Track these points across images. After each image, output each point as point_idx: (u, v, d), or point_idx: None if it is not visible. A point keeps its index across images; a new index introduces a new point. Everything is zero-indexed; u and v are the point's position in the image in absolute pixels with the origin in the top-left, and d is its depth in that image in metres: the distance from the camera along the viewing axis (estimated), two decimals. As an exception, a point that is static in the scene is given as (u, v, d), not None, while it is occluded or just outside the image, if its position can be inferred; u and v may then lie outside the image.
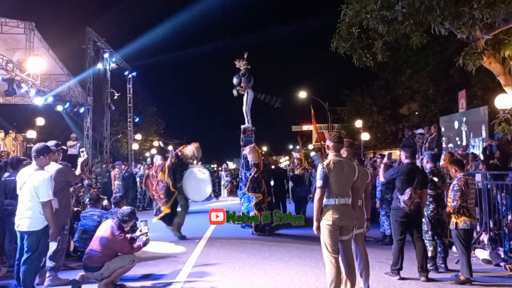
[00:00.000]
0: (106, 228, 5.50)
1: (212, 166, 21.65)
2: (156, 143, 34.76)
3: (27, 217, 4.84)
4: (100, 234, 5.50)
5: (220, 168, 30.62)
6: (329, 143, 4.78)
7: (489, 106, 12.81)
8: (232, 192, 22.99)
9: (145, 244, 5.64)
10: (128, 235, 5.86)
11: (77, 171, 6.11)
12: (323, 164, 4.62)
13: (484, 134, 13.21)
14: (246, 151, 10.82)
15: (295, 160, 16.08)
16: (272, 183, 12.01)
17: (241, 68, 11.70)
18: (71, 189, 6.26)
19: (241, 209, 10.75)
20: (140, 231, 5.80)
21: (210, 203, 12.35)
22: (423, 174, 6.06)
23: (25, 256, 4.84)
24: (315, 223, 4.59)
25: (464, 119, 14.74)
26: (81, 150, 6.58)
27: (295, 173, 13.59)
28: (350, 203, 4.65)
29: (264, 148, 41.20)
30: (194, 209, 16.73)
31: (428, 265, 5.98)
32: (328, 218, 4.52)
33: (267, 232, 9.70)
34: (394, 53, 12.21)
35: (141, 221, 6.02)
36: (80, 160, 6.20)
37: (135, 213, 5.92)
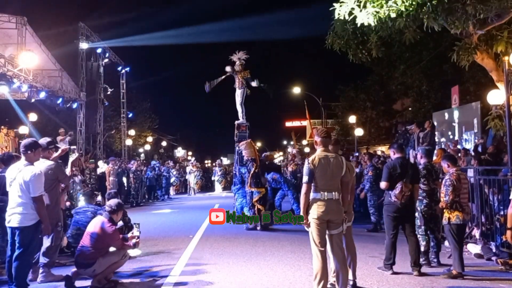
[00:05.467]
0: (96, 223, 5.48)
1: None
2: (150, 139, 34.62)
3: (18, 212, 4.81)
4: (90, 229, 5.48)
5: (214, 164, 30.64)
6: (317, 138, 4.84)
7: (482, 102, 12.89)
8: (226, 188, 23.04)
9: (134, 246, 5.65)
10: (120, 235, 5.87)
11: (67, 171, 6.03)
12: (308, 160, 4.71)
13: (476, 128, 13.32)
14: (242, 146, 10.81)
15: (289, 156, 16.09)
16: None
17: (237, 64, 11.65)
18: (63, 186, 6.21)
19: (235, 205, 10.76)
20: (132, 233, 5.81)
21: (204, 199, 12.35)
22: (414, 168, 6.10)
23: (17, 252, 4.81)
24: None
25: (457, 114, 14.84)
26: (73, 148, 6.51)
27: (289, 169, 13.61)
28: (340, 197, 4.69)
29: (258, 144, 41.22)
30: (189, 205, 16.78)
31: (421, 260, 6.03)
32: (313, 212, 4.61)
33: (261, 228, 9.71)
34: (387, 49, 12.20)
35: (134, 223, 6.03)
36: (70, 159, 6.14)
37: (122, 204, 5.94)
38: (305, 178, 4.66)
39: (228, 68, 11.75)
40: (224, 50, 12.12)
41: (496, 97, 9.49)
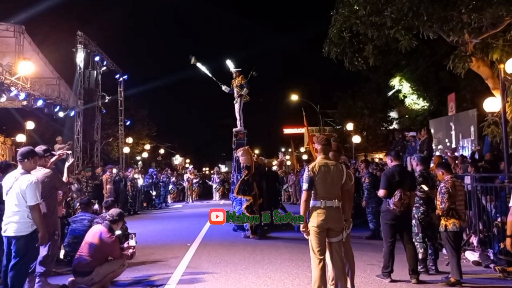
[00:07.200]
0: (95, 232, 5.47)
1: None
2: (147, 146, 34.55)
3: (15, 221, 4.78)
4: (89, 238, 5.46)
5: (212, 172, 30.60)
6: (317, 146, 4.85)
7: (478, 109, 12.95)
8: (225, 195, 23.00)
9: (131, 256, 5.64)
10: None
11: (64, 177, 6.01)
12: (308, 167, 4.71)
13: (473, 136, 13.37)
14: (239, 153, 10.83)
15: (278, 162, 16.20)
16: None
17: (232, 71, 11.82)
18: (60, 194, 6.18)
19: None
20: (128, 243, 5.80)
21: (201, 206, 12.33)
22: (411, 176, 6.12)
23: (13, 262, 4.77)
24: (301, 224, 4.69)
25: (453, 121, 14.91)
26: (67, 152, 6.44)
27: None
28: (340, 205, 4.68)
29: (256, 151, 41.14)
30: (186, 212, 16.73)
31: (419, 267, 6.02)
32: (313, 220, 4.60)
33: (259, 235, 9.69)
34: (384, 57, 12.32)
35: (129, 233, 6.02)
36: (66, 165, 6.12)
37: (123, 214, 5.93)
38: (304, 186, 4.66)
39: (223, 88, 11.95)
40: (222, 59, 12.25)
41: (492, 104, 9.53)
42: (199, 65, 12.17)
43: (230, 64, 11.95)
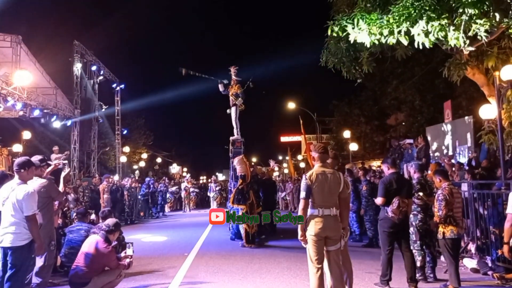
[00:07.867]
0: (91, 243, 5.44)
1: None
2: (144, 155, 34.49)
3: (11, 232, 4.74)
4: (86, 249, 5.43)
5: (209, 180, 30.52)
6: (314, 154, 4.84)
7: (474, 116, 13.01)
8: (222, 204, 22.92)
9: (128, 266, 5.61)
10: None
11: (60, 187, 5.99)
12: (305, 175, 4.70)
13: (469, 143, 13.42)
14: (235, 162, 10.82)
15: (270, 169, 16.18)
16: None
17: (232, 75, 11.92)
18: (56, 204, 6.15)
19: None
20: (125, 252, 5.77)
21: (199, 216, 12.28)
22: (409, 183, 6.13)
23: (9, 273, 4.72)
24: (299, 232, 4.66)
25: (450, 128, 14.97)
26: (63, 161, 6.42)
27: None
28: (338, 213, 4.68)
29: (254, 159, 41.16)
30: (183, 221, 16.65)
31: (417, 275, 6.00)
32: (311, 229, 4.59)
33: (256, 244, 9.65)
34: (380, 65, 12.38)
35: (126, 243, 6.00)
36: (62, 174, 6.10)
37: (119, 224, 5.91)
38: (302, 194, 4.64)
39: (220, 88, 11.98)
40: (220, 66, 12.33)
41: (488, 111, 9.58)
42: (191, 73, 12.23)
43: (233, 70, 11.99)
